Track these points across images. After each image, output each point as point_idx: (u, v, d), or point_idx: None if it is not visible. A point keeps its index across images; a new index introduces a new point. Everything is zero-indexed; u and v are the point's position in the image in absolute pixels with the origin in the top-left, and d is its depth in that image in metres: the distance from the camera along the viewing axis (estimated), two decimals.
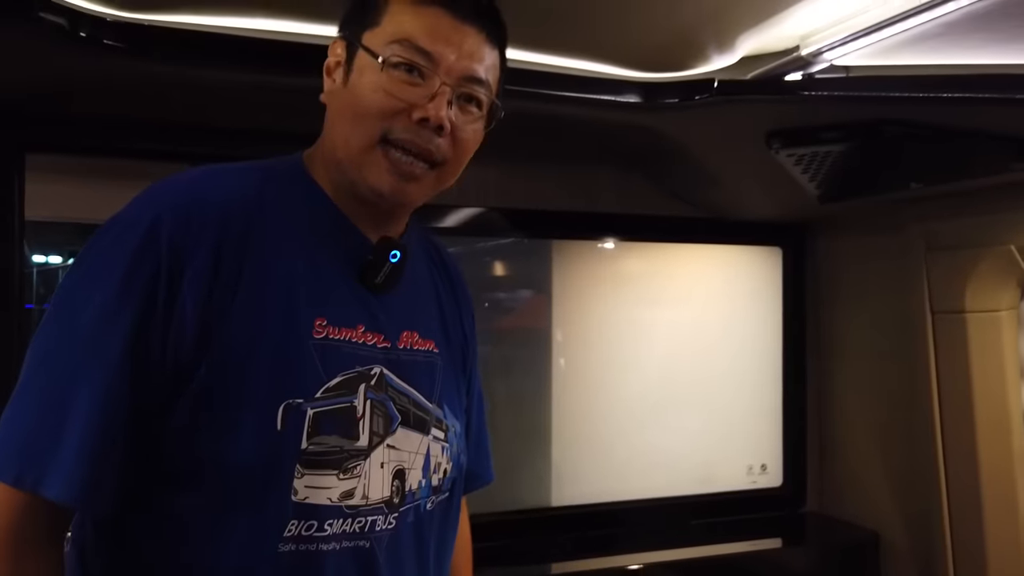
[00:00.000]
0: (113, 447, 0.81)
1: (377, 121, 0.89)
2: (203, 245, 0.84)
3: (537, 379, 2.13)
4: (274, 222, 0.90)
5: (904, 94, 1.38)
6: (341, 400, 0.89)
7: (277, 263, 0.89)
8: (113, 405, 0.81)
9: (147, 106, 1.58)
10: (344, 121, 0.92)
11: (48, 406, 0.82)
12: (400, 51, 0.90)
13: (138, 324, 0.82)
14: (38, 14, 1.13)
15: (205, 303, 0.83)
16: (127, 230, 0.84)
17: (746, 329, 2.32)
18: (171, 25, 1.23)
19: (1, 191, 1.60)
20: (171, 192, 0.89)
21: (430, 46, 0.90)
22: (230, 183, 0.91)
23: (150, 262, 0.83)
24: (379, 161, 0.90)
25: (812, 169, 1.77)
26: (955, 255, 1.87)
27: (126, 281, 0.82)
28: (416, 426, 0.97)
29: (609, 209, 2.17)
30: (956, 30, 1.18)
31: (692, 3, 1.24)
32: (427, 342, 1.02)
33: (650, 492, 2.19)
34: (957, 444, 1.89)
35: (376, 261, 0.95)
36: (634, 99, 1.55)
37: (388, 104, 0.89)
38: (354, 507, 0.88)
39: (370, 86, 0.90)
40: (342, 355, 0.90)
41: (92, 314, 0.83)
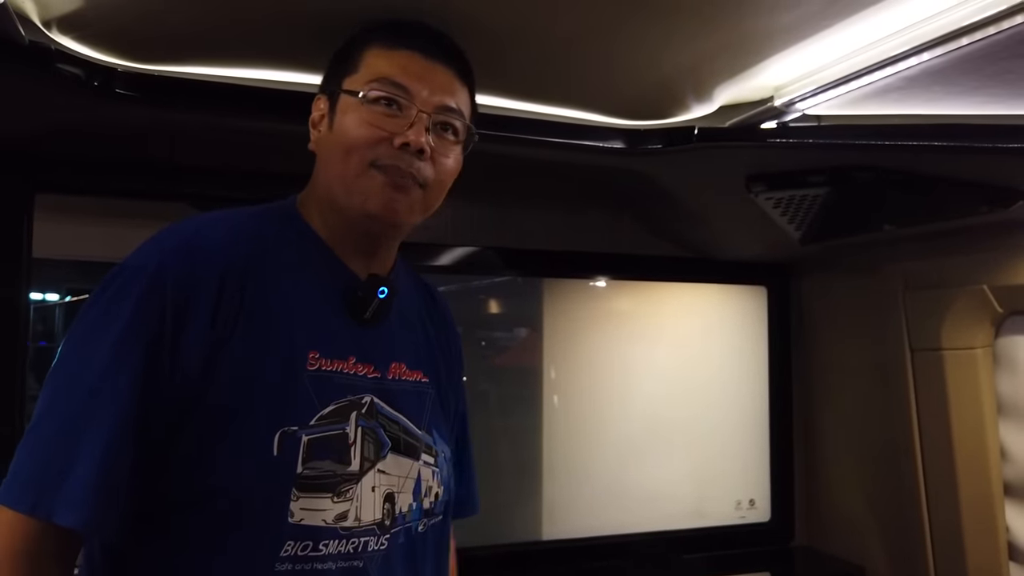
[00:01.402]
0: (122, 477, 0.86)
1: (365, 150, 0.97)
2: (205, 285, 0.91)
3: (529, 415, 2.17)
4: (270, 262, 0.97)
5: (871, 142, 1.45)
6: (334, 428, 0.94)
7: (274, 300, 0.95)
8: (122, 438, 0.86)
9: (154, 149, 1.65)
10: (334, 158, 1.00)
11: (62, 439, 0.87)
12: (378, 87, 0.99)
13: (146, 363, 0.87)
14: (56, 65, 1.19)
15: (208, 339, 0.89)
16: (135, 275, 0.91)
17: (733, 366, 2.37)
18: (180, 75, 1.29)
19: (10, 230, 1.65)
20: (175, 237, 0.95)
21: (405, 81, 0.99)
22: (228, 227, 0.98)
23: (156, 303, 0.89)
24: (372, 178, 0.98)
25: (791, 212, 1.83)
26: (931, 294, 1.93)
27: (135, 321, 0.88)
28: (406, 452, 1.02)
29: (599, 249, 2.24)
30: (917, 84, 1.25)
31: (672, 56, 1.30)
32: (415, 372, 1.08)
33: (640, 527, 2.22)
34: (938, 478, 1.93)
35: (365, 297, 1.01)
36: (619, 145, 1.62)
37: (372, 134, 0.97)
38: (348, 528, 0.93)
39: (354, 122, 0.98)
40: (334, 385, 0.96)
41: (104, 353, 0.88)
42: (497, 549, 2.07)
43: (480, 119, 1.53)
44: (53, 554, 0.87)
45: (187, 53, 1.25)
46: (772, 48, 1.26)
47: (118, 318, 0.89)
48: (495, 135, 1.55)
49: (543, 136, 1.58)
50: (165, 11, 1.10)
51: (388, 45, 1.02)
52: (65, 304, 3.84)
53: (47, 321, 5.22)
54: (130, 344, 0.88)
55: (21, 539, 0.85)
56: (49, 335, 4.85)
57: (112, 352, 0.88)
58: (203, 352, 0.89)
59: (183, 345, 0.88)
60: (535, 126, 1.56)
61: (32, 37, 1.12)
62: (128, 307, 0.89)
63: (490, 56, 1.32)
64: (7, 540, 0.85)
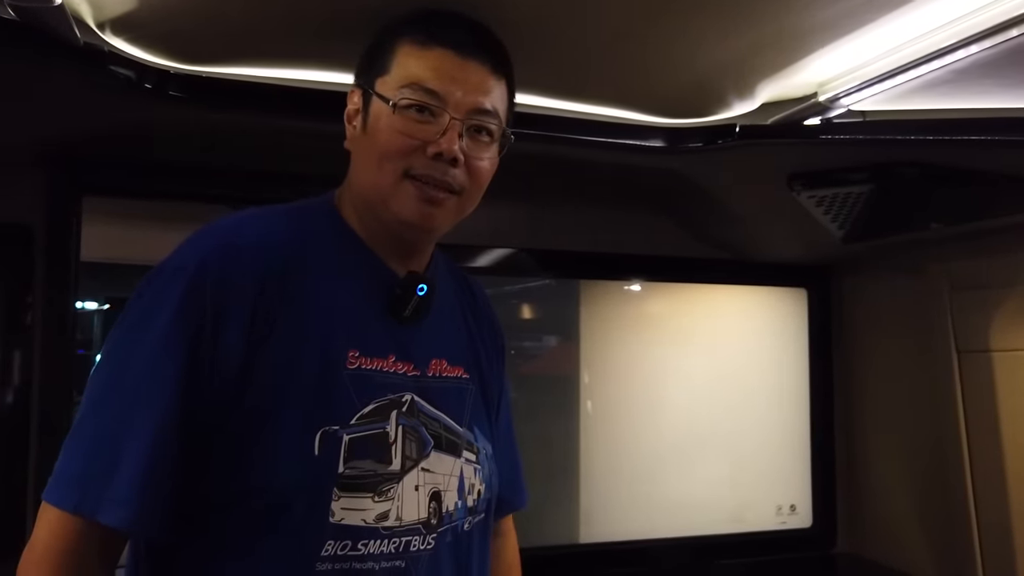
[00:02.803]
0: (165, 477, 0.86)
1: (397, 160, 0.96)
2: (245, 283, 0.90)
3: (566, 419, 2.16)
4: (308, 259, 0.96)
5: (919, 137, 1.42)
6: (374, 427, 0.93)
7: (313, 298, 0.94)
8: (165, 438, 0.87)
9: (201, 150, 1.67)
10: (368, 164, 0.99)
11: (105, 439, 0.87)
12: (409, 94, 0.96)
13: (188, 362, 0.88)
14: (109, 67, 1.22)
15: (248, 338, 0.89)
16: (175, 274, 0.91)
17: (773, 369, 2.34)
18: (231, 77, 1.31)
19: (59, 234, 1.68)
20: (213, 236, 0.95)
21: (437, 86, 0.96)
22: (267, 225, 0.98)
23: (197, 303, 0.88)
24: (406, 190, 0.97)
25: (834, 210, 1.81)
26: (979, 295, 1.89)
27: (176, 321, 0.88)
28: (448, 449, 1.01)
29: (636, 250, 2.23)
30: (965, 77, 1.23)
31: (712, 53, 1.30)
32: (456, 368, 1.07)
33: (678, 531, 2.20)
34: (987, 483, 1.89)
35: (404, 295, 1.01)
36: (658, 143, 1.61)
37: (404, 143, 0.96)
38: (390, 528, 0.92)
39: (386, 129, 0.97)
40: (374, 384, 0.95)
41: (145, 354, 0.89)
42: (534, 552, 2.05)
43: (519, 118, 1.54)
44: (96, 553, 0.87)
45: (239, 54, 1.27)
46: (815, 43, 1.24)
47: (159, 319, 0.89)
48: (534, 134, 1.55)
49: (582, 135, 1.57)
50: (217, 12, 1.12)
51: (420, 42, 0.99)
52: (104, 311, 3.91)
53: (84, 330, 5.27)
54: (172, 344, 0.88)
55: (64, 538, 0.85)
56: (87, 343, 4.93)
57: (154, 352, 0.88)
58: (243, 352, 0.89)
59: (224, 344, 0.88)
60: (574, 125, 1.56)
61: (87, 39, 1.15)
62: (169, 308, 0.89)
63: (530, 55, 1.32)
64: (51, 539, 0.85)
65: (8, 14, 1.03)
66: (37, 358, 1.63)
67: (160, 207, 1.84)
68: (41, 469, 1.61)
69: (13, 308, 1.64)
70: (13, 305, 1.64)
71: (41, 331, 1.63)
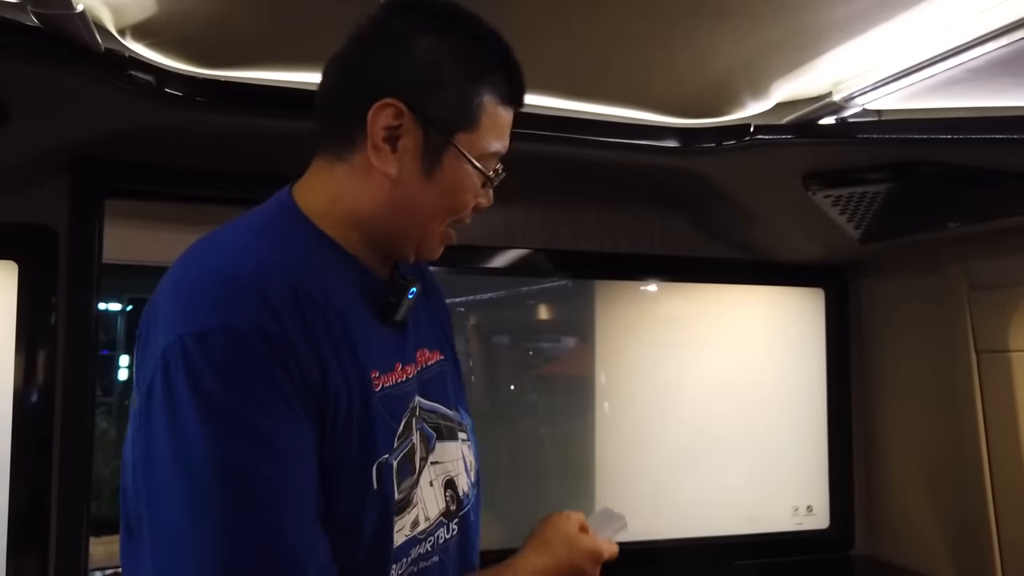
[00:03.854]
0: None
1: (455, 215, 0.94)
2: (296, 334, 0.80)
3: (582, 419, 2.17)
4: (307, 281, 0.84)
5: (935, 136, 1.42)
6: (407, 443, 0.91)
7: (327, 322, 0.85)
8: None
9: (220, 155, 1.69)
10: (426, 215, 0.92)
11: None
12: (495, 162, 0.94)
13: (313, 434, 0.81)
14: (129, 72, 1.24)
15: (316, 383, 0.82)
16: (234, 344, 0.77)
17: (789, 369, 2.33)
18: (248, 81, 1.33)
19: (82, 236, 1.71)
20: (242, 296, 0.80)
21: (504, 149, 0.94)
22: (257, 255, 0.84)
23: (282, 370, 0.78)
24: (439, 238, 0.95)
25: (850, 210, 1.80)
26: (998, 294, 1.87)
27: (286, 400, 0.78)
28: (448, 436, 1.00)
29: (652, 251, 2.23)
30: (981, 75, 1.22)
31: (726, 53, 1.30)
32: (435, 353, 1.04)
33: (694, 532, 2.20)
34: (1006, 484, 1.87)
35: (396, 300, 0.95)
36: (673, 144, 1.62)
37: (471, 202, 0.94)
38: (423, 531, 0.92)
39: (466, 192, 0.92)
40: (397, 400, 0.91)
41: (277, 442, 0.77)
42: None
43: (533, 120, 1.55)
44: None
45: (257, 58, 1.29)
46: (830, 42, 1.24)
47: (253, 407, 0.77)
48: (548, 136, 1.56)
49: (596, 136, 1.58)
50: (235, 17, 1.13)
51: (505, 100, 0.92)
52: (126, 312, 3.94)
53: (107, 330, 5.33)
54: (297, 424, 0.80)
55: None
56: (111, 344, 4.97)
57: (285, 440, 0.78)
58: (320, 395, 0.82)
59: (312, 394, 0.81)
60: (588, 126, 1.57)
61: (108, 45, 1.17)
62: (266, 387, 0.78)
63: (544, 56, 1.33)
64: None
65: (31, 21, 1.06)
66: (60, 358, 1.65)
67: (180, 210, 1.87)
68: (64, 468, 1.64)
69: (37, 309, 1.67)
70: (37, 306, 1.67)
71: (64, 332, 1.66)
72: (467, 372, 2.11)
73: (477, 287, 2.15)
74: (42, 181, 1.68)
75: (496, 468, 2.07)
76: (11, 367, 1.63)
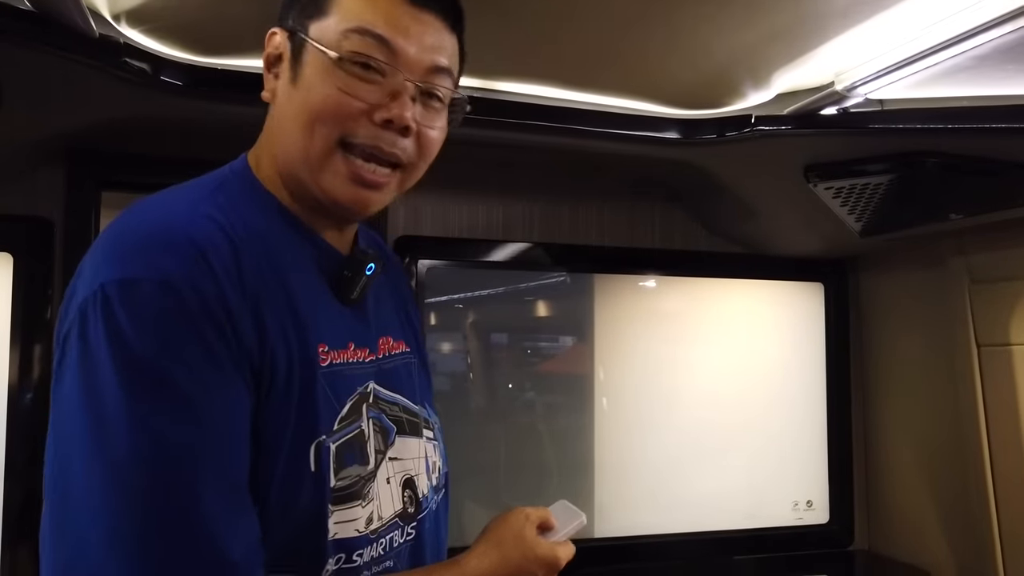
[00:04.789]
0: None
1: (335, 125, 0.81)
2: (223, 288, 0.75)
3: (581, 413, 2.16)
4: (256, 245, 0.80)
5: (938, 126, 1.40)
6: (352, 427, 0.84)
7: (273, 289, 0.80)
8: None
9: (218, 145, 1.68)
10: (296, 125, 0.83)
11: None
12: (356, 45, 0.80)
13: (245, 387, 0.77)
14: (124, 59, 1.23)
15: (254, 348, 0.77)
16: (150, 298, 0.71)
17: (789, 364, 2.32)
18: (246, 69, 1.32)
19: (79, 228, 1.70)
20: (176, 248, 0.75)
21: (389, 36, 0.81)
22: (210, 212, 0.80)
23: (215, 329, 0.74)
24: (338, 169, 0.83)
25: (851, 202, 1.79)
26: (999, 288, 1.86)
27: (208, 351, 0.73)
28: (411, 431, 0.94)
29: (651, 245, 2.22)
30: (986, 63, 1.21)
31: (727, 42, 1.29)
32: (399, 344, 0.98)
33: (694, 526, 2.19)
34: (1007, 478, 1.86)
35: (353, 276, 0.89)
36: (673, 135, 1.61)
37: (347, 105, 0.81)
38: (376, 531, 0.85)
39: (324, 86, 0.81)
40: (345, 379, 0.85)
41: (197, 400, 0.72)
42: None
43: (533, 110, 1.54)
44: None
45: (255, 46, 1.26)
46: (831, 30, 1.23)
47: (178, 358, 0.72)
48: (548, 126, 1.55)
49: (596, 127, 1.57)
50: (233, 4, 1.12)
51: None
52: None
53: None
54: (225, 378, 0.75)
55: None
56: None
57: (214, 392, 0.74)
58: (258, 357, 0.77)
59: (248, 352, 0.77)
60: (588, 117, 1.56)
61: (102, 30, 1.15)
62: (186, 342, 0.72)
63: (542, 45, 1.32)
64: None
65: (25, 5, 1.04)
66: None
67: None
68: None
69: (33, 302, 1.65)
70: (33, 299, 1.65)
71: None
72: (465, 370, 2.10)
73: (476, 284, 2.14)
74: (37, 172, 1.66)
75: (495, 464, 2.06)
76: (6, 360, 1.62)
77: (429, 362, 1.10)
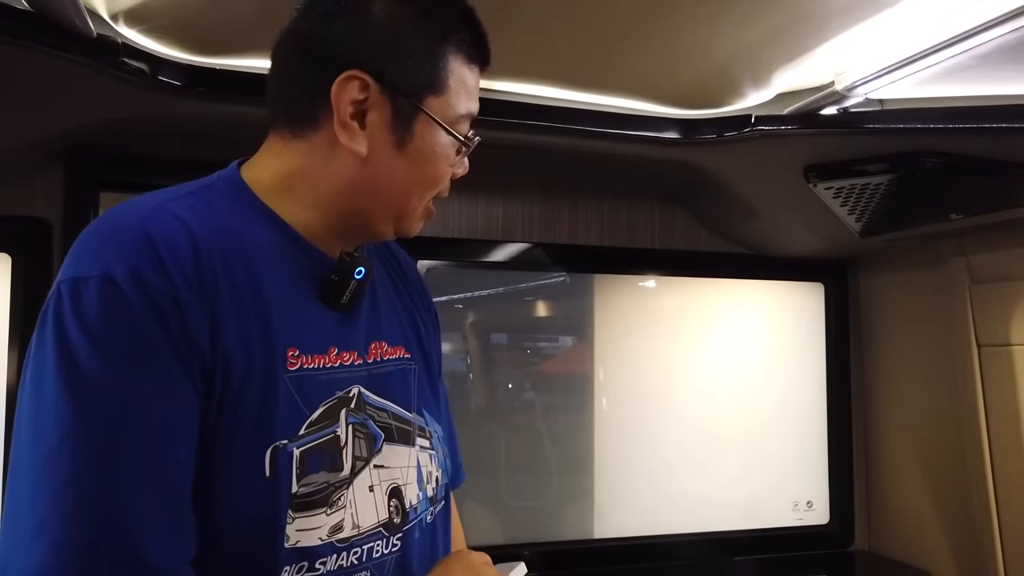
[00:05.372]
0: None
1: (436, 189, 0.90)
2: (177, 286, 0.75)
3: (581, 415, 2.15)
4: (232, 246, 0.81)
5: (939, 125, 1.40)
6: (325, 432, 0.83)
7: (246, 290, 0.80)
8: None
9: (217, 147, 1.67)
10: (399, 191, 0.87)
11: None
12: (467, 129, 0.89)
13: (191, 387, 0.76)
14: (122, 59, 1.22)
15: (205, 344, 0.77)
16: (107, 296, 0.72)
17: (789, 365, 2.32)
18: (245, 69, 1.31)
19: (77, 229, 1.69)
20: (126, 242, 0.75)
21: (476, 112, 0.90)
22: (176, 214, 0.79)
23: (160, 327, 0.74)
24: (420, 213, 0.91)
25: (851, 202, 1.79)
26: (1000, 288, 1.86)
27: (149, 346, 0.73)
28: (401, 439, 0.92)
29: (650, 245, 2.22)
30: (987, 62, 1.21)
31: (727, 42, 1.28)
32: (396, 349, 0.97)
33: (693, 527, 2.18)
34: (1008, 478, 1.86)
35: (341, 280, 0.88)
36: (673, 135, 1.61)
37: (449, 174, 0.90)
38: (346, 539, 0.83)
39: (441, 163, 0.88)
40: (319, 384, 0.84)
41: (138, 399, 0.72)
42: (547, 547, 2.05)
43: (532, 109, 1.54)
44: None
45: (254, 46, 1.26)
46: (832, 29, 1.23)
47: (121, 353, 0.72)
48: (547, 126, 1.55)
49: (595, 127, 1.57)
50: (232, 3, 1.11)
51: (469, 56, 0.87)
52: None
53: None
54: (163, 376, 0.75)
55: None
56: None
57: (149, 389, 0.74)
58: (209, 354, 0.77)
59: (198, 351, 0.77)
60: (588, 116, 1.56)
61: (100, 30, 1.15)
62: (130, 336, 0.73)
63: (542, 45, 1.32)
64: None
65: (22, 4, 1.04)
66: None
67: None
68: None
69: (32, 302, 1.65)
70: (32, 300, 1.65)
71: None
72: (465, 370, 2.09)
73: (476, 284, 2.13)
74: (36, 173, 1.66)
75: (496, 465, 2.05)
76: (4, 361, 1.61)
77: (440, 376, 1.09)
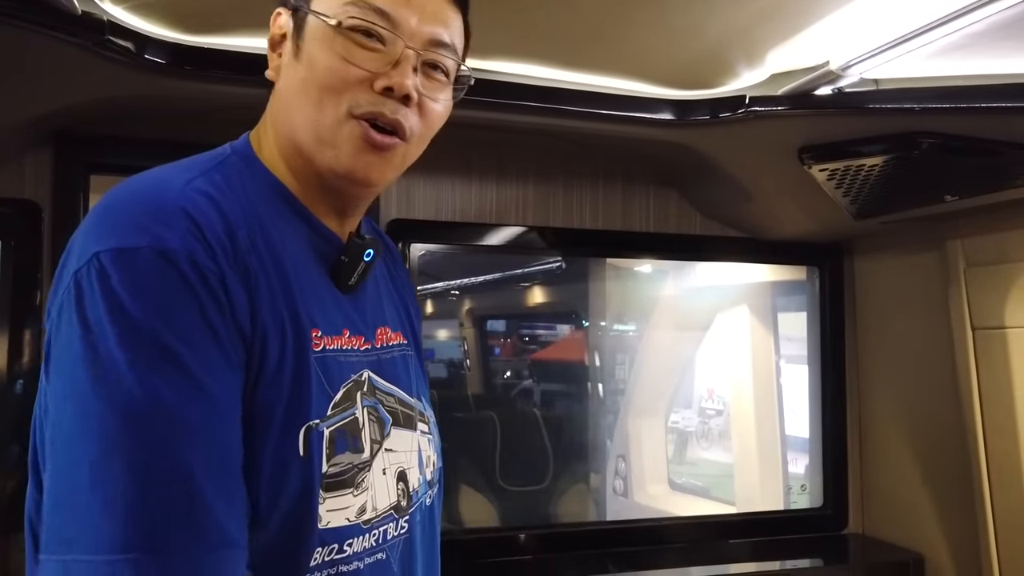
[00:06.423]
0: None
1: (340, 93, 0.81)
2: (228, 269, 0.75)
3: (577, 401, 2.16)
4: (250, 223, 0.80)
5: (935, 105, 1.39)
6: (346, 414, 0.84)
7: (272, 272, 0.80)
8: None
9: (207, 127, 1.66)
10: (302, 99, 0.83)
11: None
12: (355, 12, 0.81)
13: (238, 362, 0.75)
14: (107, 37, 1.21)
15: (245, 326, 0.76)
16: (162, 265, 0.70)
17: (783, 348, 2.32)
18: (233, 48, 1.30)
19: (67, 212, 1.68)
20: (169, 218, 0.73)
21: (388, 7, 0.81)
22: (203, 187, 0.78)
23: (213, 302, 0.73)
24: (349, 132, 0.82)
25: (845, 184, 1.78)
26: (995, 270, 1.86)
27: (203, 324, 0.72)
28: (406, 424, 0.93)
29: (645, 229, 2.21)
30: (983, 40, 1.20)
31: (721, 21, 1.27)
32: (396, 335, 0.98)
33: (688, 510, 2.19)
34: (1001, 461, 1.86)
35: (350, 262, 0.89)
36: (667, 116, 1.59)
37: (348, 73, 0.81)
38: (368, 521, 0.85)
39: (327, 56, 0.81)
40: (339, 365, 0.85)
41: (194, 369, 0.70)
42: (542, 529, 2.06)
43: (523, 90, 1.52)
44: None
45: (243, 24, 1.25)
46: (826, 8, 1.22)
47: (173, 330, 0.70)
48: (539, 107, 1.53)
49: (588, 108, 1.56)
50: None
51: None
52: None
53: None
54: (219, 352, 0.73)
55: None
56: None
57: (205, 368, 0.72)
58: (249, 337, 0.76)
59: (241, 331, 0.76)
60: (580, 97, 1.55)
61: (84, 7, 1.13)
62: (187, 311, 0.71)
63: (533, 23, 1.30)
64: None
65: None
66: None
67: None
68: None
69: (22, 286, 1.64)
70: (22, 283, 1.64)
71: None
72: (461, 356, 2.10)
73: (469, 267, 2.13)
74: (24, 155, 1.65)
75: (491, 449, 2.05)
76: None
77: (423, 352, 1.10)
